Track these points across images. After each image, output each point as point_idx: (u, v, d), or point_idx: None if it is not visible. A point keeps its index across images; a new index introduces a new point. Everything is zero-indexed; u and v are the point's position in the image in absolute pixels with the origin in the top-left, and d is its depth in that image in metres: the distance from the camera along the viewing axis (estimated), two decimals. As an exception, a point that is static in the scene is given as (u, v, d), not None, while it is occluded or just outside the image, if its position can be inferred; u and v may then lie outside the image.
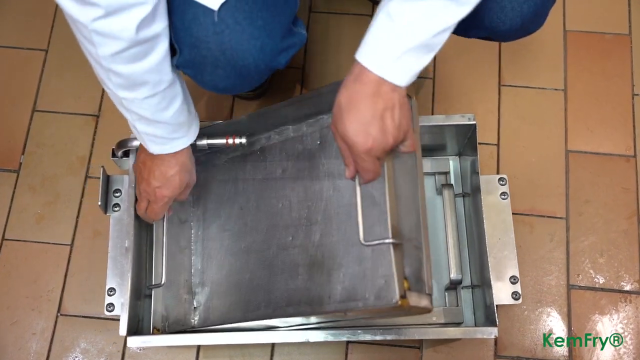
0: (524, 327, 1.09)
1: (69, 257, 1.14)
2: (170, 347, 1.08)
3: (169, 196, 0.85)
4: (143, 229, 0.96)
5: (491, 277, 0.90)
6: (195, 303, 0.96)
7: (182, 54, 0.77)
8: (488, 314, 0.91)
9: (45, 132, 1.22)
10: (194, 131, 0.84)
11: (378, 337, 0.88)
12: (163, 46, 0.72)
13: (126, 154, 0.94)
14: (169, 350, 1.08)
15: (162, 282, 0.90)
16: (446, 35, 0.69)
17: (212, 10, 0.73)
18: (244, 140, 0.90)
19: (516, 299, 0.94)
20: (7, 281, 1.13)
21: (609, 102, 1.23)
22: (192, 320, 0.95)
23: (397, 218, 0.78)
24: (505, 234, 0.97)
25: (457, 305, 1.01)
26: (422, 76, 1.25)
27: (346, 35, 1.29)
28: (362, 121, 0.69)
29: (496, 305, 0.90)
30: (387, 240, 0.76)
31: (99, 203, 0.92)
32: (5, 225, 1.16)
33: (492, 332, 0.88)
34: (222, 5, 0.73)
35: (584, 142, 1.21)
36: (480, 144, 1.11)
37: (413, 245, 0.78)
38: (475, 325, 0.94)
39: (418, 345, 1.08)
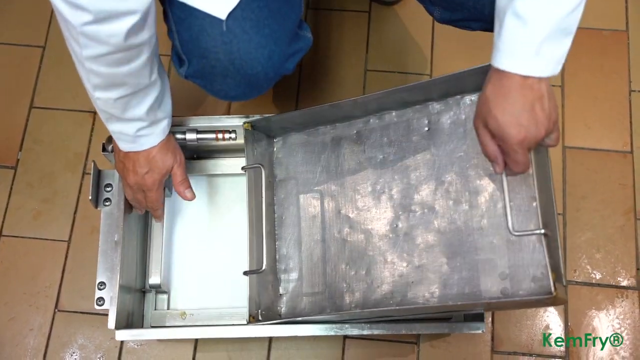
0: (521, 323, 1.09)
1: (67, 253, 1.14)
2: (167, 341, 1.08)
3: (158, 179, 0.86)
4: (134, 222, 0.96)
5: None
6: (281, 290, 0.94)
7: (191, 64, 0.78)
8: None
9: (42, 128, 1.22)
10: (163, 130, 0.83)
11: (365, 332, 0.88)
12: (147, 52, 0.72)
13: None
14: (166, 344, 1.08)
15: (263, 267, 0.88)
16: (578, 13, 0.67)
17: (219, 21, 0.74)
18: (233, 135, 0.91)
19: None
20: (4, 277, 1.13)
21: (606, 98, 1.23)
22: (279, 308, 0.93)
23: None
24: None
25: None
26: (419, 73, 1.25)
27: (345, 32, 1.29)
28: (513, 113, 0.68)
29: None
30: (538, 231, 0.74)
31: (90, 197, 0.93)
32: (3, 222, 1.16)
33: (479, 327, 0.89)
34: (229, 15, 0.74)
35: (581, 138, 1.21)
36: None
37: (552, 237, 0.77)
38: (464, 321, 0.94)
39: (415, 340, 1.08)
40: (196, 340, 1.09)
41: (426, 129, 0.88)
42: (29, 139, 1.21)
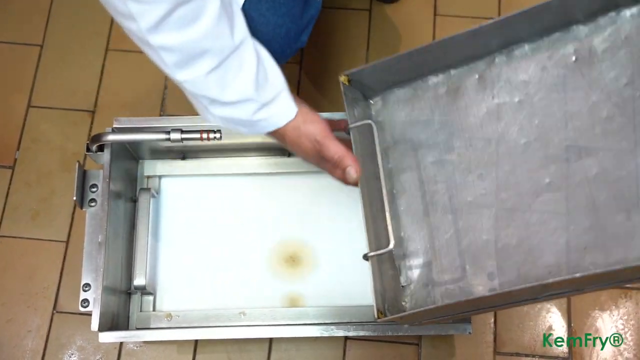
0: (524, 324, 1.09)
1: (65, 253, 1.13)
2: (167, 342, 1.07)
3: (318, 157, 0.72)
4: (119, 223, 0.94)
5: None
6: (403, 281, 0.77)
7: None
8: None
9: (40, 127, 1.21)
10: (286, 103, 0.69)
11: (351, 333, 0.86)
12: (215, 4, 0.62)
13: (100, 148, 0.93)
14: (166, 346, 1.07)
15: (391, 245, 0.69)
16: None
17: None
18: (218, 135, 0.88)
19: None
20: (2, 278, 1.12)
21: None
22: (404, 303, 0.77)
23: None
24: None
25: None
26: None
27: (346, 30, 1.28)
28: None
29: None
30: None
31: (74, 198, 0.92)
32: (0, 222, 1.15)
33: (466, 329, 0.88)
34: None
35: (583, 137, 1.20)
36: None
37: None
38: (452, 322, 0.91)
39: (417, 341, 1.07)
40: (196, 341, 1.08)
41: (573, 58, 0.72)
42: (26, 138, 1.21)
